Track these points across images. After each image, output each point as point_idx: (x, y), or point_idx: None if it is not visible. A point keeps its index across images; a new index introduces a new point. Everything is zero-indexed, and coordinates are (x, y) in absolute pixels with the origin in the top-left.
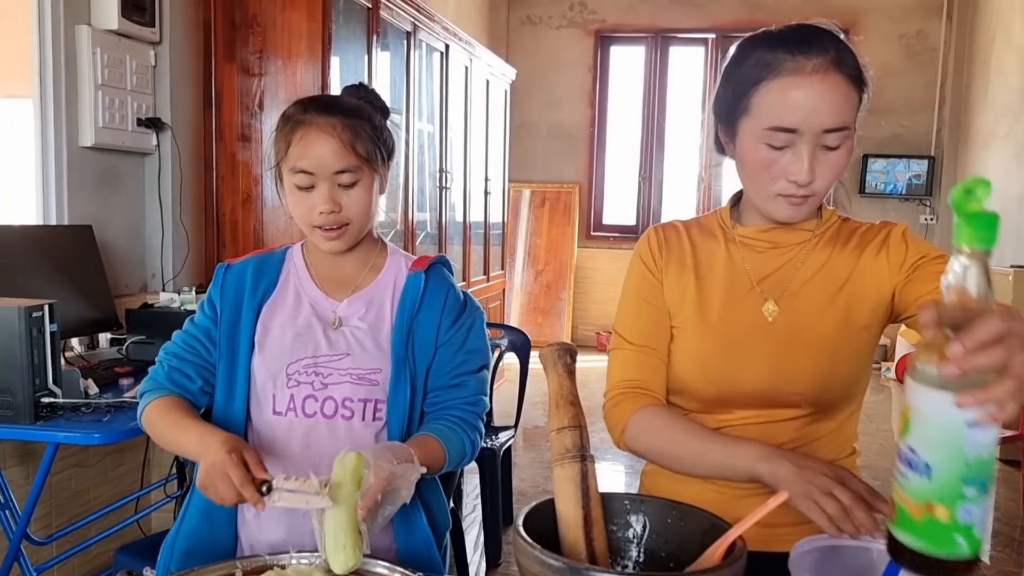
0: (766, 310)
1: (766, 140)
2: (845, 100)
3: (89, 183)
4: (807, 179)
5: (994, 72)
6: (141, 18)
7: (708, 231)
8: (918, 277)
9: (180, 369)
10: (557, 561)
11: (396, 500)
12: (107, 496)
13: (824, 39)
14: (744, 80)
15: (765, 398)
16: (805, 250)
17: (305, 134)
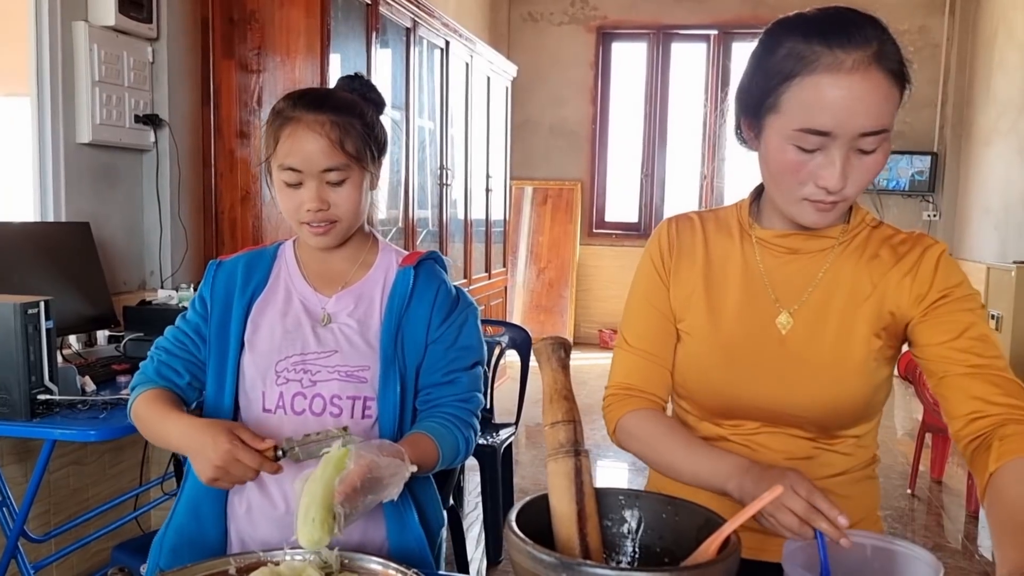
0: (780, 322)
1: (795, 142)
2: (886, 100)
3: (87, 180)
4: (839, 186)
5: (996, 68)
6: (138, 14)
7: (725, 227)
8: (935, 319)
9: (168, 364)
10: (549, 556)
11: (381, 492)
12: (106, 494)
13: (867, 29)
14: (774, 72)
15: (768, 415)
16: (828, 258)
17: (294, 131)
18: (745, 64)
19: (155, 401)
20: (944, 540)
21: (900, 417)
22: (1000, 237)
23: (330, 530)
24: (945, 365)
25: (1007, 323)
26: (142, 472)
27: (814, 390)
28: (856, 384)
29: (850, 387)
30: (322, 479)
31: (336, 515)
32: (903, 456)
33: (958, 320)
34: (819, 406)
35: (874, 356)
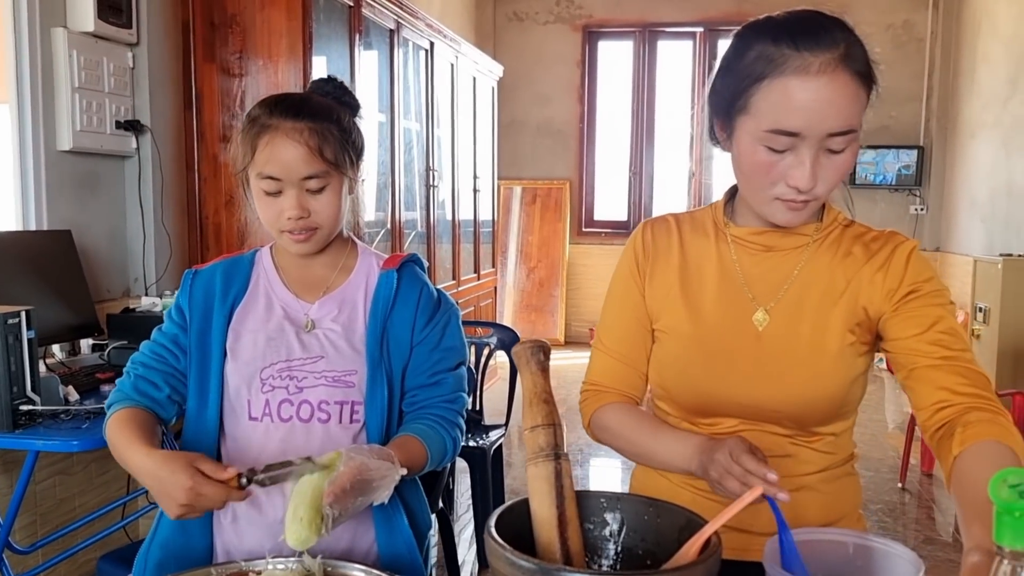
0: (756, 319)
1: (766, 142)
2: (853, 101)
3: (68, 187)
4: (809, 185)
5: (980, 61)
6: (118, 19)
7: (700, 227)
8: (905, 313)
9: (146, 378)
10: (528, 562)
11: (370, 494)
12: (93, 503)
13: (834, 31)
14: (744, 75)
15: (747, 412)
16: (803, 255)
17: (271, 139)
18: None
19: (124, 426)
20: (935, 533)
21: (890, 411)
22: (987, 229)
23: (318, 530)
24: (914, 358)
25: (994, 315)
26: (129, 481)
27: (791, 385)
28: (832, 378)
29: (826, 381)
30: (312, 479)
31: (324, 516)
32: (893, 450)
33: (927, 314)
34: (796, 401)
35: (849, 351)
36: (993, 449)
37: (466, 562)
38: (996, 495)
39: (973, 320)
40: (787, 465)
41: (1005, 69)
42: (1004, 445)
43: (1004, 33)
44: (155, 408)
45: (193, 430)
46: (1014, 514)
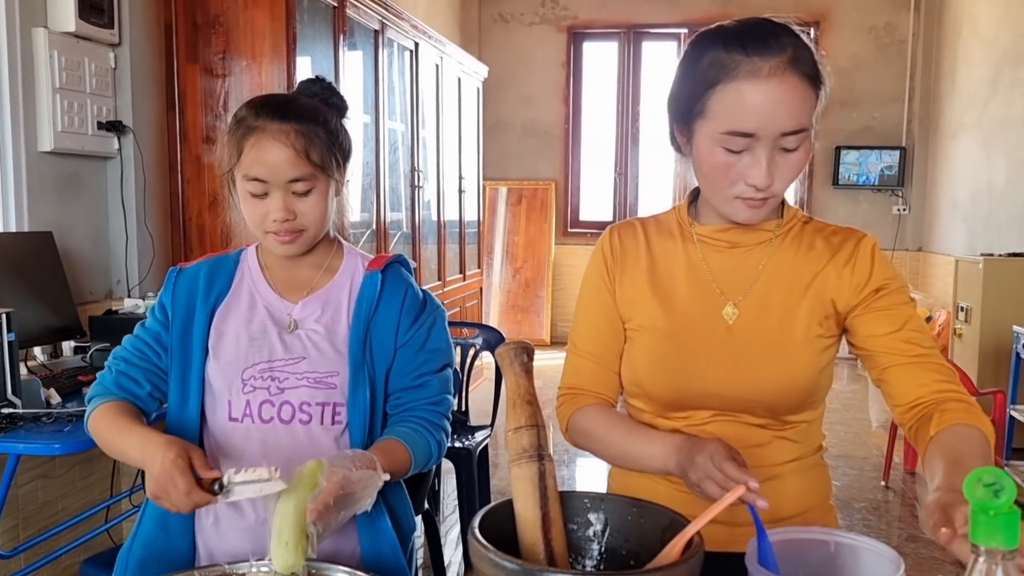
0: (726, 313)
1: (723, 144)
2: (803, 101)
3: (49, 189)
4: (766, 183)
5: (961, 63)
6: (99, 20)
7: (666, 229)
8: (874, 311)
9: (128, 374)
10: (511, 563)
11: (353, 505)
12: (76, 507)
13: (781, 37)
14: (700, 80)
15: (721, 402)
16: (766, 251)
17: (258, 141)
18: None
19: (115, 414)
20: (918, 531)
21: (874, 410)
22: (968, 229)
23: (304, 552)
24: (889, 356)
25: (975, 314)
26: (112, 484)
27: (763, 374)
28: (802, 367)
29: (796, 370)
30: (294, 498)
31: (310, 535)
32: (877, 448)
33: (898, 312)
34: (768, 389)
35: (817, 342)
36: (967, 430)
37: (452, 563)
38: (971, 494)
39: (955, 319)
40: (760, 455)
41: (985, 70)
42: (976, 428)
43: (984, 35)
44: (136, 403)
45: (174, 430)
46: (989, 513)
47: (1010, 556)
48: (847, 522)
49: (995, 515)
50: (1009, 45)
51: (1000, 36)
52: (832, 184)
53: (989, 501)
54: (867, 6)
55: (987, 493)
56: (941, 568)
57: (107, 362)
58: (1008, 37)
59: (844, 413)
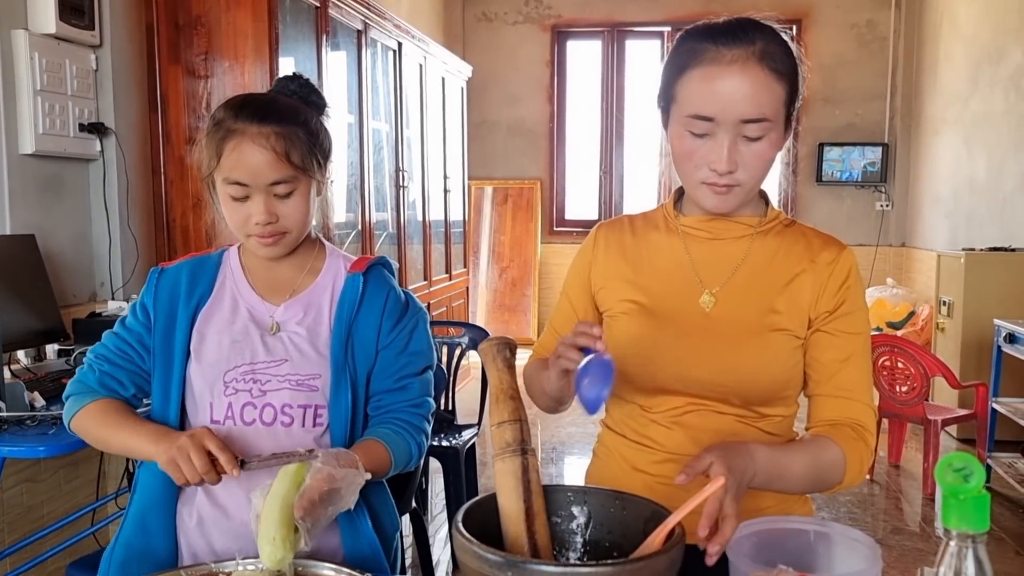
0: (703, 301)
1: (688, 127)
2: (765, 92)
3: (31, 191)
4: (725, 168)
5: (942, 59)
6: (80, 21)
7: (652, 223)
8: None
9: (112, 375)
10: (495, 555)
11: (338, 502)
12: (61, 510)
13: (752, 32)
14: (674, 67)
15: (697, 389)
16: (747, 245)
17: (238, 144)
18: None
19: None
20: (903, 523)
21: None
22: (950, 225)
23: (292, 547)
24: (824, 385)
25: (957, 308)
26: (98, 487)
27: (736, 360)
28: (774, 357)
29: (769, 359)
30: (280, 495)
31: (299, 531)
32: None
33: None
34: (742, 377)
35: (790, 339)
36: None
37: (440, 562)
38: (942, 479)
39: (937, 314)
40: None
41: (965, 68)
42: (836, 445)
43: (964, 32)
44: None
45: None
46: (959, 497)
47: (980, 539)
48: (833, 515)
49: (965, 499)
50: (988, 42)
51: (980, 33)
52: (816, 180)
53: (959, 486)
54: (848, 3)
55: (957, 478)
56: (925, 559)
57: (87, 359)
58: (987, 34)
59: None
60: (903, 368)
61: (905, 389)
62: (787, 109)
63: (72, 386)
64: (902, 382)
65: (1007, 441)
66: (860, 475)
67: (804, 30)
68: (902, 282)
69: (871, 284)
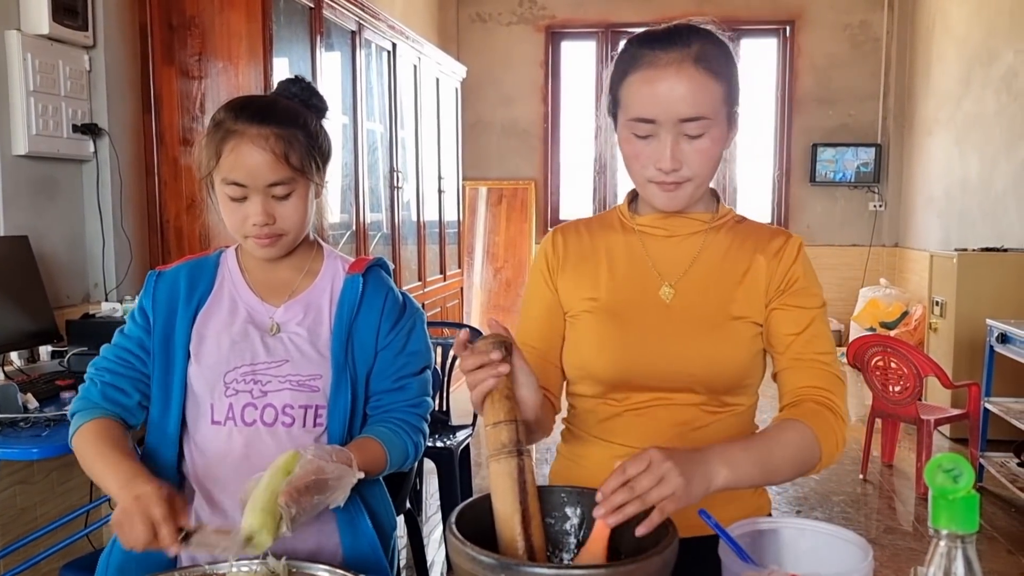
0: (663, 293)
1: (632, 130)
2: (702, 91)
3: (24, 192)
4: (669, 166)
5: (935, 60)
6: (73, 22)
7: (608, 224)
8: (786, 307)
9: (115, 385)
10: (488, 557)
11: (326, 495)
12: (55, 512)
13: (689, 36)
14: (616, 75)
15: (662, 380)
16: (702, 240)
17: (237, 145)
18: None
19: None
20: (896, 523)
21: (852, 404)
22: (943, 225)
23: (272, 533)
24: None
25: (950, 309)
26: (92, 489)
27: (699, 349)
28: (736, 345)
29: (731, 346)
30: (268, 485)
31: (282, 516)
32: (855, 442)
33: (806, 314)
34: (705, 363)
35: (751, 326)
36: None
37: (435, 563)
38: (932, 480)
39: (930, 314)
40: (699, 438)
41: (957, 68)
42: (806, 426)
43: (956, 34)
44: (124, 415)
45: (156, 434)
46: (948, 497)
47: (969, 540)
48: (826, 514)
49: (954, 500)
50: (980, 43)
51: (972, 34)
52: (809, 181)
53: (949, 487)
54: (841, 5)
55: (947, 479)
56: (918, 559)
57: (89, 374)
58: (979, 35)
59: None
60: (896, 368)
61: (898, 389)
62: (727, 107)
63: (76, 403)
64: (895, 382)
65: (999, 440)
66: (837, 448)
67: (797, 31)
68: (895, 282)
69: (864, 284)
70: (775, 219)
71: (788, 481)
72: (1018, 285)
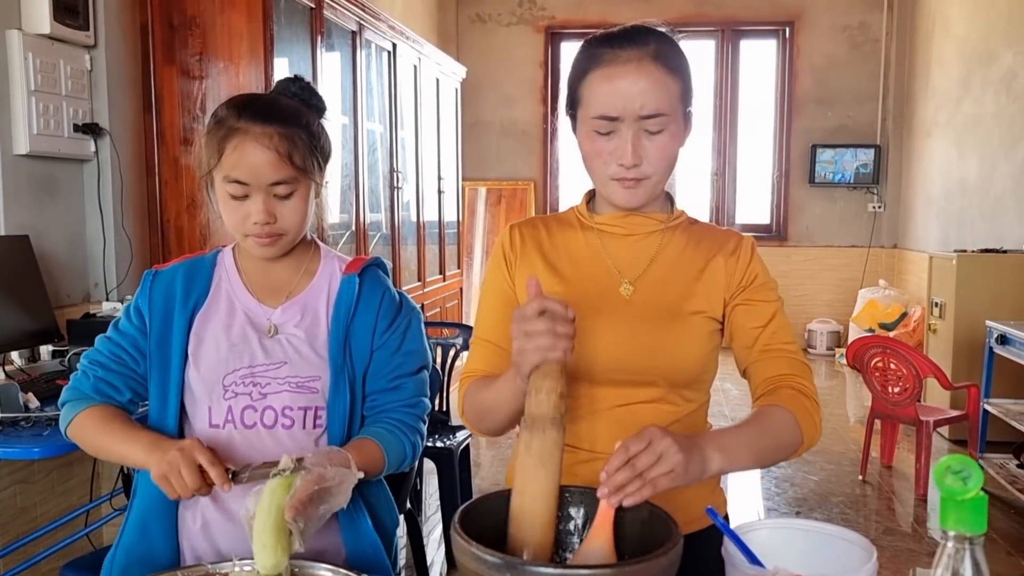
0: (623, 290)
1: (594, 128)
2: (660, 87)
3: (25, 192)
4: (631, 161)
5: (934, 62)
6: (74, 21)
7: (566, 223)
8: (747, 302)
9: (107, 380)
10: (494, 557)
11: (330, 501)
12: (55, 511)
13: (646, 35)
14: (576, 74)
15: (624, 372)
16: (659, 239)
17: (240, 143)
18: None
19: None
20: (895, 524)
21: (851, 405)
22: (942, 226)
23: (286, 551)
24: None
25: (949, 310)
26: (92, 488)
27: (659, 341)
28: (696, 338)
29: (692, 338)
30: (271, 499)
31: (293, 532)
32: (854, 443)
33: (767, 308)
34: (667, 354)
35: (709, 322)
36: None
37: (435, 563)
38: (940, 482)
39: (929, 315)
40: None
41: (957, 70)
42: (787, 410)
43: (956, 35)
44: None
45: None
46: (957, 499)
47: (977, 541)
48: (825, 515)
49: (963, 501)
50: (979, 44)
51: (971, 36)
52: (808, 182)
53: (958, 488)
54: (841, 6)
55: (956, 480)
56: (917, 560)
57: (81, 365)
58: (978, 37)
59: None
60: (895, 369)
61: (897, 390)
62: (683, 105)
63: (67, 392)
64: (894, 383)
65: (999, 442)
66: (816, 430)
67: (796, 32)
68: (894, 283)
69: (863, 285)
70: (774, 220)
71: (774, 464)
72: (1017, 286)
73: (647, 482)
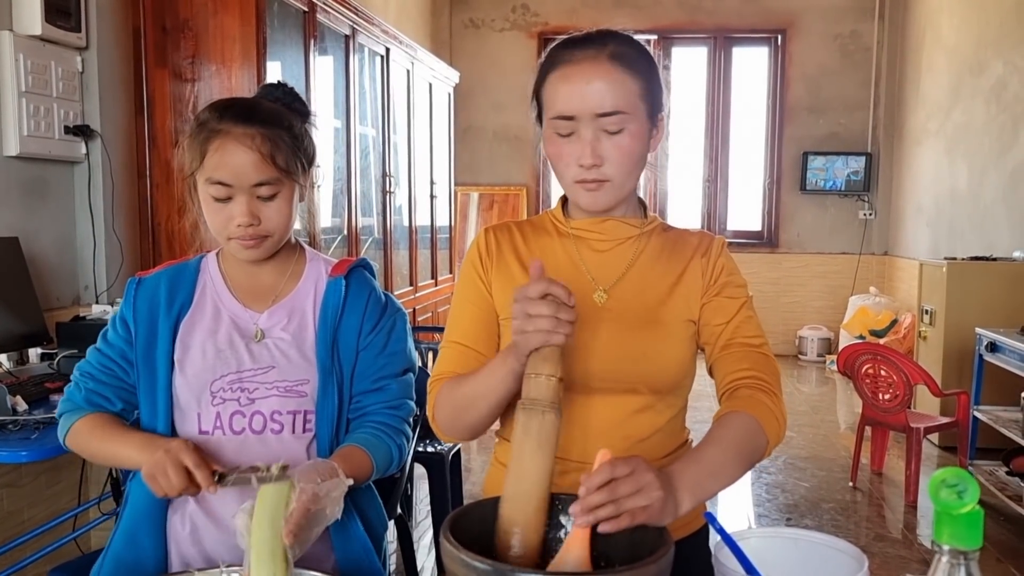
0: (596, 297)
1: (555, 129)
2: (617, 86)
3: (15, 194)
4: (590, 161)
5: (925, 70)
6: (66, 23)
7: (541, 228)
8: (716, 301)
9: (99, 392)
10: (483, 564)
11: (323, 519)
12: (43, 515)
13: (605, 37)
14: (538, 78)
15: (603, 381)
16: (635, 246)
17: (222, 144)
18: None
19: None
20: (886, 530)
21: (842, 412)
22: (932, 234)
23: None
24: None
25: (939, 317)
26: (80, 492)
27: (637, 346)
28: (675, 341)
29: (671, 342)
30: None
31: (288, 559)
32: (845, 450)
33: (734, 303)
34: (646, 360)
35: (687, 326)
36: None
37: (425, 568)
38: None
39: (920, 322)
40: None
41: (948, 79)
42: (748, 415)
43: (947, 44)
44: None
45: None
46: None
47: (972, 556)
48: (816, 522)
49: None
50: (970, 54)
51: (961, 45)
52: (799, 189)
53: (953, 502)
54: (832, 15)
55: (951, 494)
56: (907, 567)
57: (74, 377)
58: (969, 46)
59: (812, 415)
60: (886, 376)
61: (888, 397)
62: (646, 104)
63: (62, 404)
64: (884, 390)
65: (988, 449)
66: (781, 427)
67: (788, 40)
68: (884, 291)
69: (854, 292)
70: (766, 227)
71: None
72: (1007, 294)
73: (623, 512)
